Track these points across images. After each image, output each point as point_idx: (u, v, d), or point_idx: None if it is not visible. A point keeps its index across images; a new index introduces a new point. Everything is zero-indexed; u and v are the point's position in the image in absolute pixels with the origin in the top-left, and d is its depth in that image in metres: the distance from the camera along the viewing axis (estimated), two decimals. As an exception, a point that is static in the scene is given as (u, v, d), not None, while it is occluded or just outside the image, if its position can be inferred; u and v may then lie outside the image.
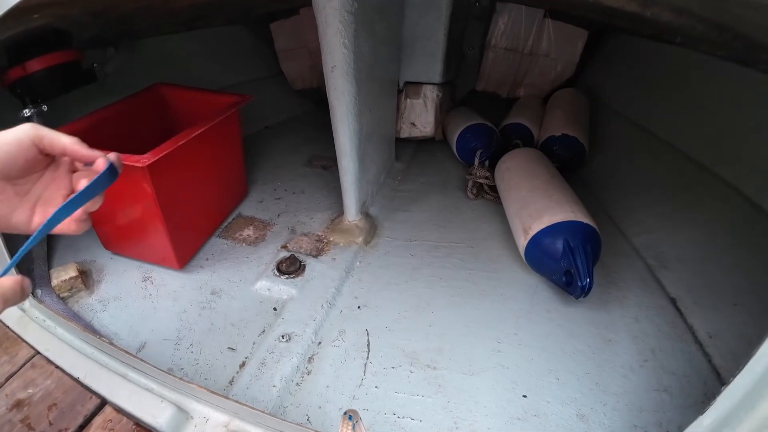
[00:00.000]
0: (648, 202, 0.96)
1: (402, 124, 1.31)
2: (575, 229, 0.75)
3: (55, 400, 0.61)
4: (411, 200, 1.13)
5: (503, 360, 0.69)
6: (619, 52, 1.40)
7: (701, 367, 0.66)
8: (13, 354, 0.68)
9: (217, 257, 0.93)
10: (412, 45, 1.15)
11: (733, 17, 0.43)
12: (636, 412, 0.60)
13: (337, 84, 0.76)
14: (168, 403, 0.59)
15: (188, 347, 0.74)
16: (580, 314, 0.76)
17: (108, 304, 0.81)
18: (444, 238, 0.97)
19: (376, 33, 0.84)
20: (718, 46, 0.59)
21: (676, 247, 0.84)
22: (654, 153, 1.05)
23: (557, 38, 1.47)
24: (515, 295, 0.81)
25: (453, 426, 0.60)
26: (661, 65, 1.14)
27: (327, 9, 0.67)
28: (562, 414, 0.61)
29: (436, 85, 1.25)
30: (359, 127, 0.84)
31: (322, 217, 1.05)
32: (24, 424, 0.59)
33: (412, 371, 0.68)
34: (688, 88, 1.02)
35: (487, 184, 1.12)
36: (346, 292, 0.84)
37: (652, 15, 0.52)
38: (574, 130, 1.16)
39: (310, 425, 0.60)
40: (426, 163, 1.32)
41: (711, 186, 0.86)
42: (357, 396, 0.65)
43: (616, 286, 0.81)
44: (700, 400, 0.61)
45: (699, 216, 0.84)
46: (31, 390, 0.63)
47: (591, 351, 0.70)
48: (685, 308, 0.74)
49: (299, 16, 1.43)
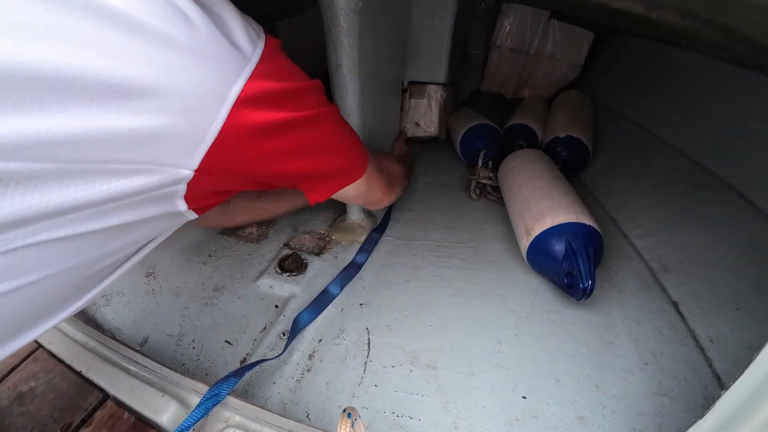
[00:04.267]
0: (651, 205, 0.96)
1: (406, 123, 1.31)
2: (578, 230, 0.75)
3: (57, 393, 0.62)
4: (414, 200, 1.13)
5: (503, 360, 0.69)
6: (623, 54, 1.40)
7: (702, 371, 0.65)
8: (16, 347, 0.69)
9: (220, 254, 0.94)
10: (416, 45, 1.15)
11: (738, 20, 0.43)
12: (636, 415, 0.60)
13: (341, 83, 0.76)
14: (169, 398, 0.59)
15: (190, 343, 0.74)
16: (581, 316, 0.76)
17: (111, 299, 0.82)
18: (446, 238, 0.97)
19: (380, 33, 0.84)
20: (722, 49, 0.58)
21: (678, 250, 0.84)
22: (657, 156, 1.05)
23: (563, 40, 1.47)
24: (516, 296, 0.81)
25: (452, 425, 0.61)
26: (666, 68, 1.14)
27: (332, 8, 0.67)
28: (562, 416, 0.61)
29: (440, 85, 1.25)
30: (363, 127, 0.84)
31: (325, 215, 1.05)
32: (26, 417, 0.59)
33: (412, 370, 0.68)
34: (692, 91, 1.01)
35: (491, 184, 1.12)
36: (348, 290, 0.84)
37: (658, 17, 0.52)
38: (578, 132, 1.15)
39: (310, 422, 0.61)
40: (429, 163, 1.32)
41: (715, 190, 0.86)
42: (357, 394, 0.65)
43: (618, 288, 0.81)
44: (701, 404, 0.61)
45: (702, 220, 0.84)
46: (33, 383, 0.63)
47: (591, 353, 0.70)
48: (687, 312, 0.74)
49: (304, 16, 1.43)
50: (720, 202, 0.84)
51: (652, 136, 1.10)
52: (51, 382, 0.63)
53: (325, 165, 0.55)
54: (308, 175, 0.54)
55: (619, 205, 1.02)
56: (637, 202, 0.99)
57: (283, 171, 0.49)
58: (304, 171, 0.52)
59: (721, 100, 0.92)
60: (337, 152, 0.56)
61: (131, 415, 0.59)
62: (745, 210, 0.79)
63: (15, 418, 0.59)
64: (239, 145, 0.41)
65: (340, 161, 0.58)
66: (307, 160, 0.51)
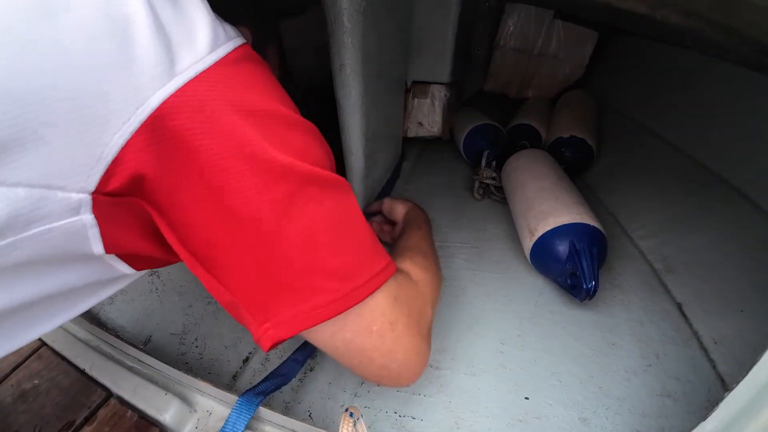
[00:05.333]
0: (655, 206, 0.95)
1: (409, 123, 1.31)
2: (581, 231, 0.75)
3: (61, 391, 0.62)
4: (417, 200, 1.12)
5: (506, 361, 0.69)
6: (627, 55, 1.39)
7: (705, 373, 0.65)
8: (20, 345, 0.69)
9: (223, 253, 0.94)
10: (420, 44, 1.15)
11: (742, 21, 0.43)
12: (639, 417, 0.60)
13: (344, 83, 0.76)
14: (172, 397, 0.59)
15: (193, 341, 0.74)
16: (584, 317, 0.76)
17: (115, 297, 0.82)
18: (449, 238, 0.97)
19: (384, 32, 0.84)
20: (727, 50, 0.58)
21: (682, 251, 0.83)
22: (661, 156, 1.04)
23: (567, 39, 1.46)
24: (519, 297, 0.81)
25: (454, 426, 0.61)
26: (670, 68, 1.13)
27: (336, 8, 0.67)
28: (564, 417, 0.61)
29: (444, 84, 1.24)
30: (366, 126, 0.84)
31: (328, 215, 1.05)
32: (29, 415, 0.59)
33: (415, 370, 0.68)
34: (696, 92, 1.01)
35: (494, 184, 1.12)
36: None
37: (662, 17, 0.52)
38: (582, 132, 1.15)
39: (312, 421, 0.61)
40: (433, 163, 1.32)
41: (718, 191, 0.85)
42: (359, 393, 0.65)
43: (621, 289, 0.81)
44: (704, 405, 0.60)
45: (706, 220, 0.84)
46: (37, 381, 0.64)
47: (594, 354, 0.69)
48: (691, 313, 0.74)
49: (307, 15, 1.43)
50: (724, 203, 0.83)
51: (656, 136, 1.10)
52: (54, 380, 0.64)
53: (289, 264, 0.37)
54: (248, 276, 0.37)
55: (623, 206, 1.02)
56: (641, 203, 0.99)
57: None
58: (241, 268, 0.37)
59: (726, 100, 0.91)
60: (322, 245, 0.38)
61: (134, 413, 0.59)
62: (749, 211, 0.78)
63: (18, 416, 0.59)
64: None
65: (324, 264, 0.38)
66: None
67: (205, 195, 0.33)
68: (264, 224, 0.35)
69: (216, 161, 0.33)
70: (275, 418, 0.54)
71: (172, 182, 0.33)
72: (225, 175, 0.33)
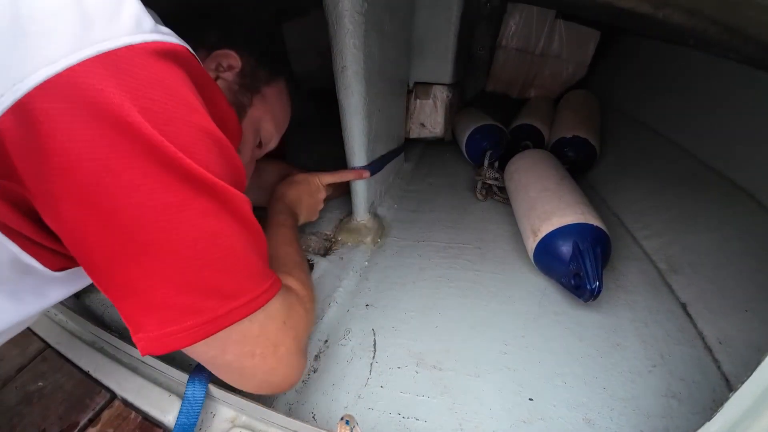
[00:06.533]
0: (659, 206, 0.95)
1: (411, 124, 1.31)
2: (585, 231, 0.75)
3: (65, 393, 0.62)
4: (420, 201, 1.13)
5: (510, 362, 0.69)
6: (630, 54, 1.39)
7: (710, 373, 0.65)
8: (24, 347, 0.70)
9: (226, 255, 0.94)
10: (421, 45, 1.15)
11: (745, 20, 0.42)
12: (643, 418, 0.60)
13: (347, 84, 0.76)
14: (176, 398, 0.60)
15: (196, 343, 0.74)
16: (588, 317, 0.75)
17: (118, 299, 0.82)
18: (452, 239, 0.97)
19: (386, 33, 0.84)
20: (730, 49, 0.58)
21: (687, 251, 0.83)
22: (665, 156, 1.04)
23: (569, 39, 1.46)
24: (523, 297, 0.80)
25: (458, 427, 0.60)
26: (673, 67, 1.13)
27: (338, 10, 0.67)
28: (569, 418, 0.61)
29: (446, 85, 1.25)
30: (369, 127, 0.84)
31: (331, 216, 1.05)
32: (34, 416, 0.60)
33: (418, 371, 0.68)
34: (699, 91, 1.01)
35: (497, 185, 1.11)
36: (353, 291, 0.84)
37: (664, 16, 0.52)
38: (585, 132, 1.15)
39: (316, 423, 0.61)
40: (435, 164, 1.32)
41: (723, 190, 0.85)
42: (362, 395, 0.65)
43: (625, 289, 0.80)
44: (709, 406, 0.60)
45: (710, 220, 0.83)
46: (42, 383, 0.64)
47: (599, 355, 0.69)
48: (696, 313, 0.73)
49: (309, 17, 1.43)
50: (728, 203, 0.83)
51: (659, 135, 1.09)
52: (59, 381, 0.64)
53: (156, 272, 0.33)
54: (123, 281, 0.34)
55: (627, 206, 1.02)
56: (645, 203, 0.99)
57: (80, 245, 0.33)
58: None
59: (729, 99, 0.91)
60: (207, 263, 0.35)
61: (138, 414, 0.59)
62: (753, 211, 0.78)
63: (23, 418, 0.59)
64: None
65: (206, 282, 0.35)
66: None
67: (78, 189, 0.29)
68: (143, 233, 0.31)
69: (94, 149, 0.28)
70: (279, 420, 0.54)
71: (41, 167, 0.28)
72: (105, 168, 0.29)
